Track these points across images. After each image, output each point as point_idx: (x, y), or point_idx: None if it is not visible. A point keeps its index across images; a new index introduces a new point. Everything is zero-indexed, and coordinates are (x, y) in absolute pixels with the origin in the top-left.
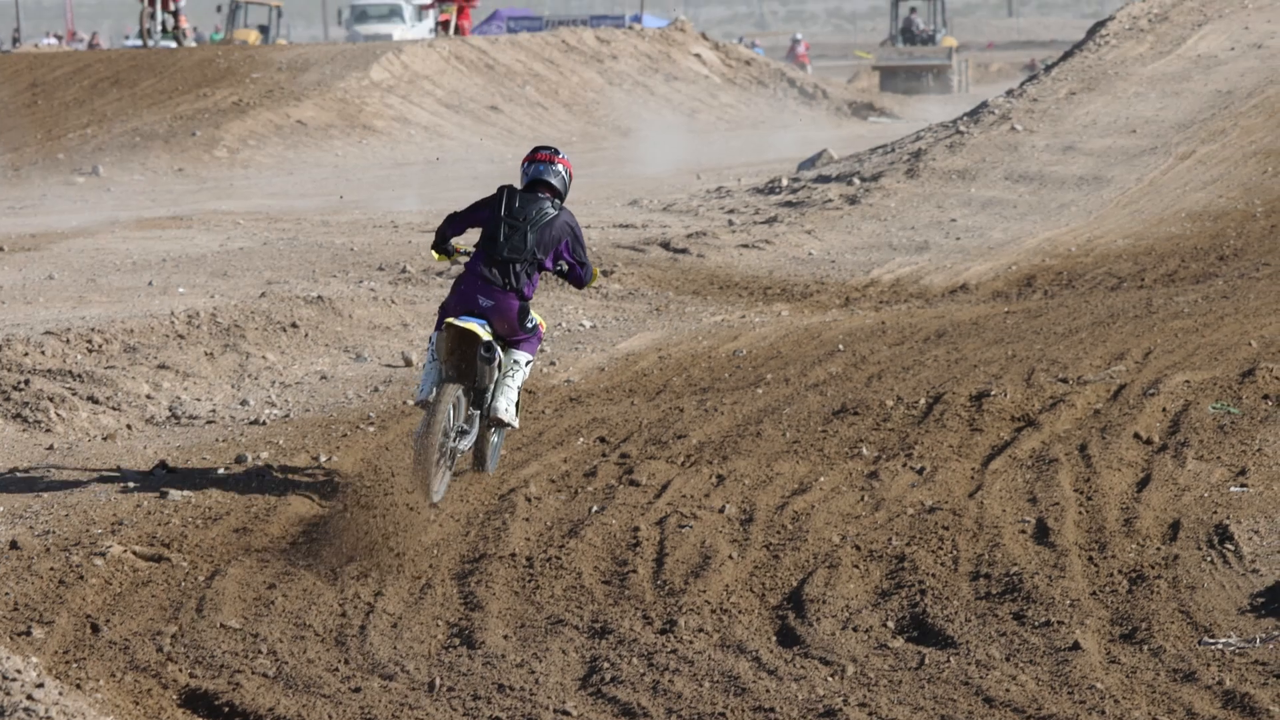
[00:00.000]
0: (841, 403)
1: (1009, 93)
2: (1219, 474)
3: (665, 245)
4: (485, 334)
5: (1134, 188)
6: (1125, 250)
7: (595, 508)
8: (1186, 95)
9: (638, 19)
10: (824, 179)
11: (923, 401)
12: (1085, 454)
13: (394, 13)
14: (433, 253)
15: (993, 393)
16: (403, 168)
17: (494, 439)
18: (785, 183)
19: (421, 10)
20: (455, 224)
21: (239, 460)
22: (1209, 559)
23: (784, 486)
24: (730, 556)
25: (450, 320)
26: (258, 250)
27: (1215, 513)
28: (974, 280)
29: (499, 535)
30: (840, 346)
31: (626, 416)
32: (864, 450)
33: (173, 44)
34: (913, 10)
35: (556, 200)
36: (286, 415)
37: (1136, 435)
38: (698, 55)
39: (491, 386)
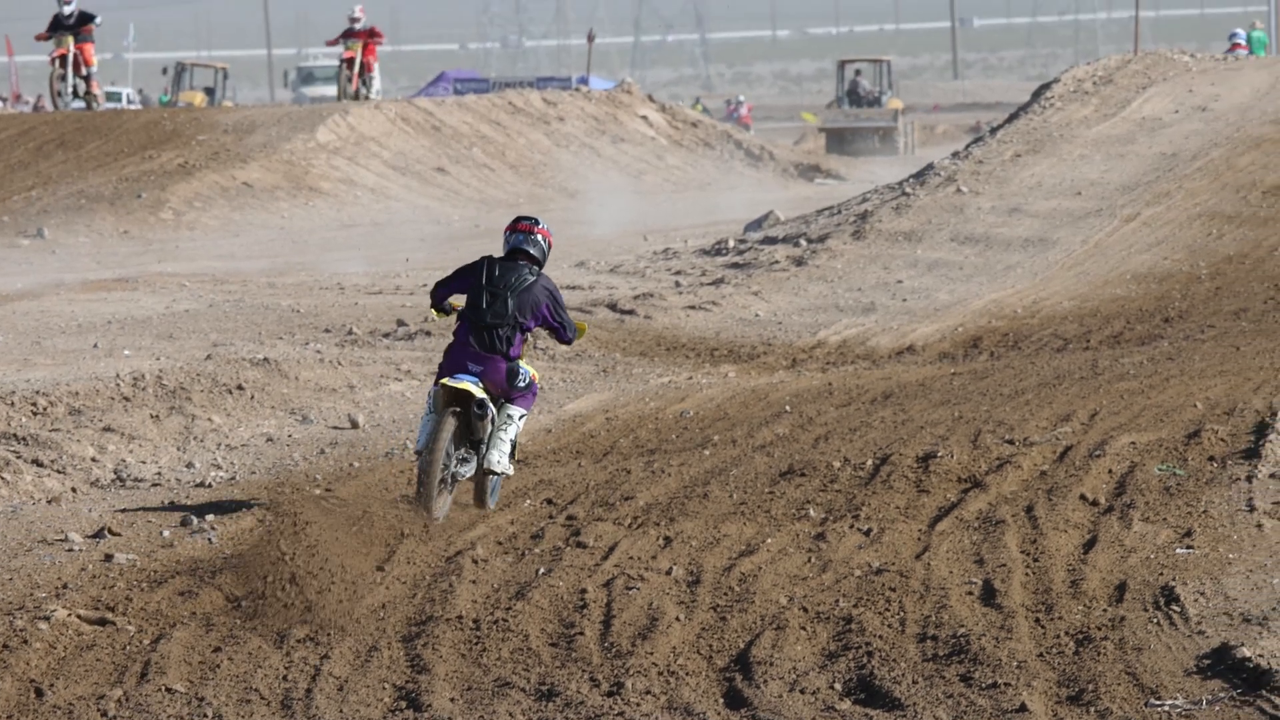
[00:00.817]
0: (788, 464)
1: (955, 155)
2: (1165, 535)
3: (612, 306)
4: (478, 392)
5: (1079, 250)
6: (1071, 312)
7: (542, 570)
8: (1131, 158)
9: (584, 81)
10: (770, 240)
11: (870, 463)
12: (1032, 515)
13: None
14: (432, 312)
15: (939, 454)
16: (349, 229)
17: (491, 480)
18: (732, 244)
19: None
20: (443, 289)
21: (184, 523)
22: (1155, 621)
23: (731, 548)
24: (677, 618)
25: (444, 381)
26: (203, 312)
27: (1161, 574)
28: (920, 342)
29: (446, 598)
30: (787, 408)
31: (573, 478)
32: (811, 511)
33: (83, 106)
34: (858, 73)
35: (535, 267)
36: (233, 478)
37: (1083, 496)
38: (644, 117)
39: (486, 439)
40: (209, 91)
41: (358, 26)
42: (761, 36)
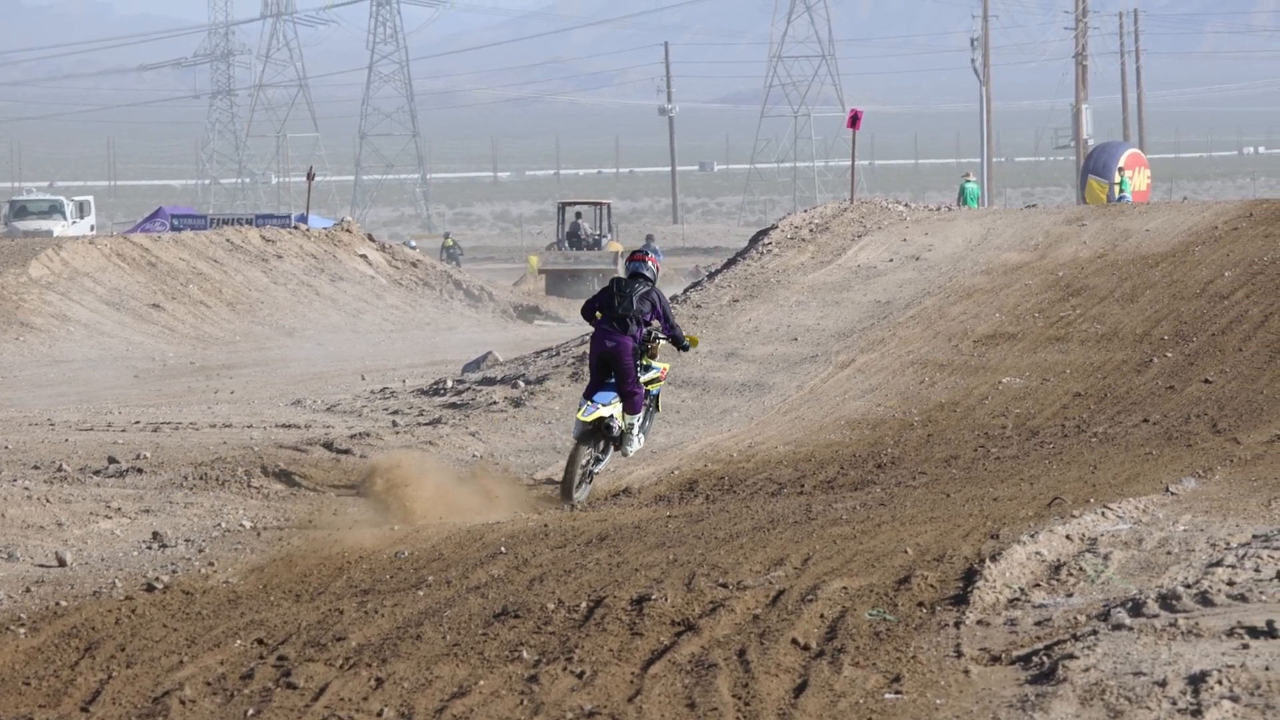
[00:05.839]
0: (503, 605)
1: (673, 298)
2: (874, 680)
3: (328, 446)
4: (607, 412)
5: (795, 395)
6: (786, 456)
7: (251, 711)
8: (847, 304)
9: (303, 218)
10: (489, 381)
11: (584, 605)
12: (744, 659)
13: (54, 209)
14: (589, 323)
15: (653, 597)
16: (61, 365)
17: (631, 451)
18: (450, 384)
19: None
20: (590, 306)
21: None
22: None
23: (443, 690)
24: None
25: (579, 416)
26: None
27: (870, 719)
28: (637, 484)
29: None
30: (502, 549)
31: (285, 618)
32: (524, 653)
33: None
34: (579, 215)
35: (649, 282)
36: None
37: (794, 641)
38: (364, 256)
39: (619, 439)
40: None
41: None
42: (482, 177)
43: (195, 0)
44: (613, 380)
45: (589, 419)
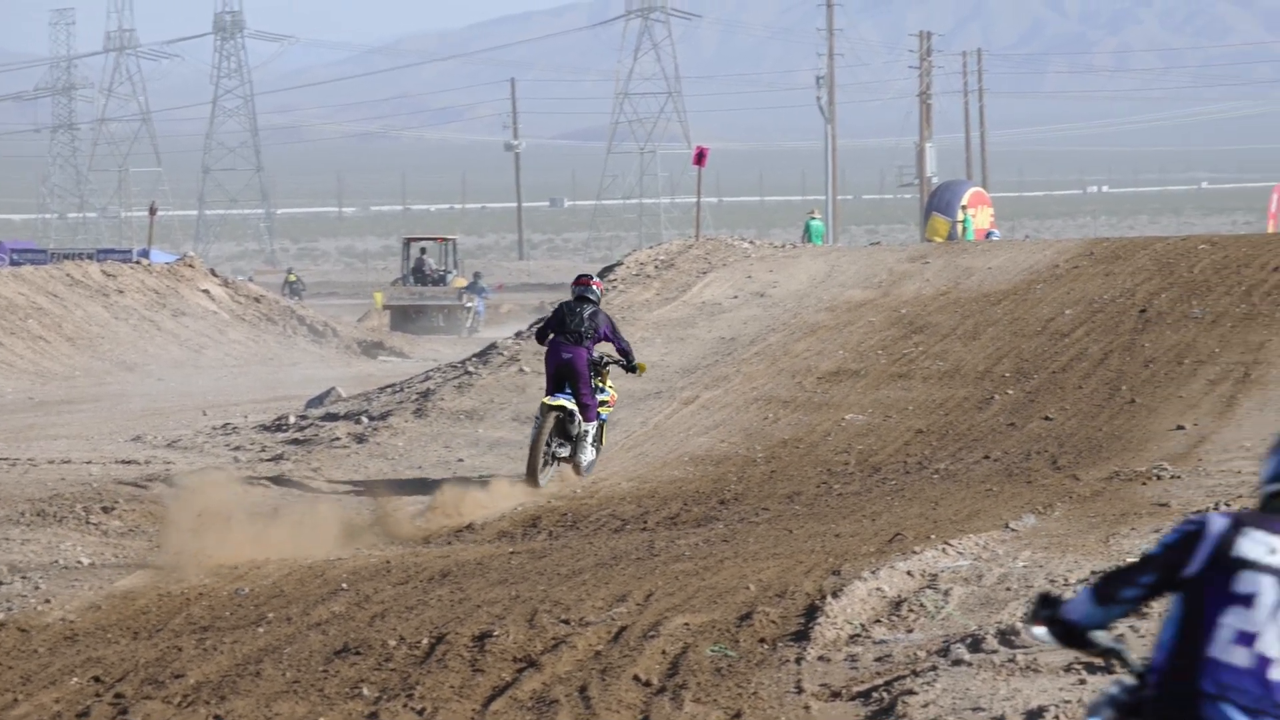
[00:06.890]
0: (344, 642)
1: (518, 334)
2: (715, 717)
3: (168, 482)
4: (570, 405)
5: (639, 431)
6: (629, 493)
7: None
8: (691, 341)
9: (145, 254)
10: (332, 417)
11: (425, 641)
12: (585, 696)
13: None
14: (542, 346)
15: (495, 633)
16: None
17: (585, 463)
18: (292, 420)
19: None
20: (544, 329)
21: None
22: None
23: None
24: None
25: (545, 400)
26: None
27: None
28: (480, 520)
29: None
30: (344, 585)
31: (123, 656)
32: (365, 690)
33: None
34: (424, 251)
35: (594, 304)
36: None
37: (636, 677)
38: (206, 291)
39: (574, 440)
40: None
41: None
42: (327, 212)
43: (36, 33)
44: (569, 391)
45: (554, 403)
